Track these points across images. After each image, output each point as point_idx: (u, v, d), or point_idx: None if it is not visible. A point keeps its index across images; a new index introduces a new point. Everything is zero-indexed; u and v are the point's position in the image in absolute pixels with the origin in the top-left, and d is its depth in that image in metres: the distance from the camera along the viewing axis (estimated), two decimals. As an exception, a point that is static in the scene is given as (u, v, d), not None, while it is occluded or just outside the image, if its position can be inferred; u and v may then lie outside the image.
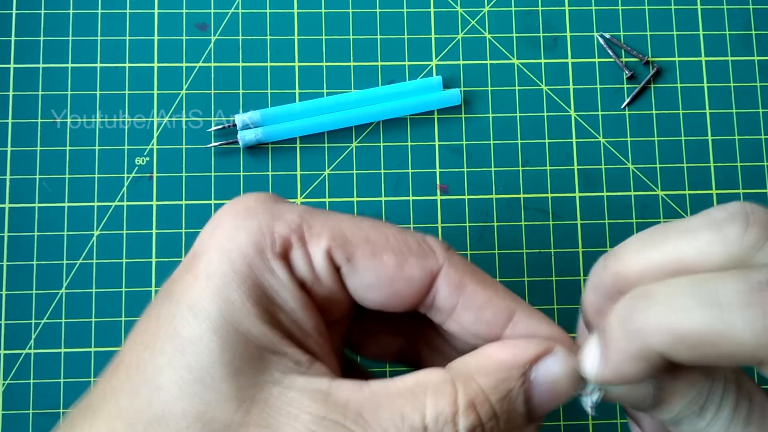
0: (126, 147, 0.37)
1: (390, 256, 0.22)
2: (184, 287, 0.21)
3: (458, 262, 0.23)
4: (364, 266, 0.22)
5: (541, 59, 0.39)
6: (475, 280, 0.23)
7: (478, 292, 0.23)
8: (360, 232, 0.22)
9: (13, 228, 0.36)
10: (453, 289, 0.23)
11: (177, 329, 0.20)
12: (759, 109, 0.39)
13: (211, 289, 0.20)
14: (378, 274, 0.22)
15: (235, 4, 0.38)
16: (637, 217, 0.37)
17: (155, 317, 0.21)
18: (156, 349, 0.20)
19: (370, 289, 0.22)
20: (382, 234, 0.23)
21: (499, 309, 0.23)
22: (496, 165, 0.38)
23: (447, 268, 0.23)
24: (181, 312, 0.20)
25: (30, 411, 0.35)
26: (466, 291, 0.23)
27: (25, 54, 0.37)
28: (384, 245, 0.22)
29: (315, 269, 0.22)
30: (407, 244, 0.23)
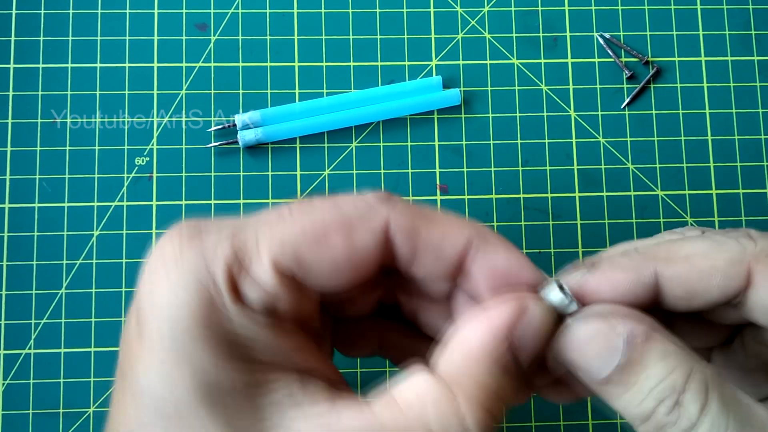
0: (126, 147, 0.37)
1: (335, 236, 0.21)
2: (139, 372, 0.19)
3: (403, 209, 0.22)
4: (314, 261, 0.20)
5: (541, 59, 0.39)
6: (425, 221, 0.22)
7: (431, 231, 0.22)
8: (295, 227, 0.21)
9: (13, 228, 0.36)
10: (407, 236, 0.22)
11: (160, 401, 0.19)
12: (758, 109, 0.39)
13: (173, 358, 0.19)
14: (332, 262, 0.21)
15: (235, 4, 0.38)
16: (636, 217, 0.37)
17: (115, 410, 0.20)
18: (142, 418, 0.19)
19: (331, 277, 0.21)
20: (317, 216, 0.21)
21: (456, 242, 0.22)
22: (496, 165, 0.38)
23: (396, 219, 0.21)
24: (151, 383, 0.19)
25: (30, 411, 0.35)
26: (419, 234, 0.22)
27: (25, 54, 0.37)
28: (323, 228, 0.21)
29: (269, 291, 0.20)
30: (347, 215, 0.21)
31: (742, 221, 0.38)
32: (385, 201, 0.22)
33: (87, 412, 0.35)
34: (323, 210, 0.21)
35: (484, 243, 0.22)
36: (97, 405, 0.35)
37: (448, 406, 0.19)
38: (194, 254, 0.20)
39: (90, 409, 0.35)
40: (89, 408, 0.35)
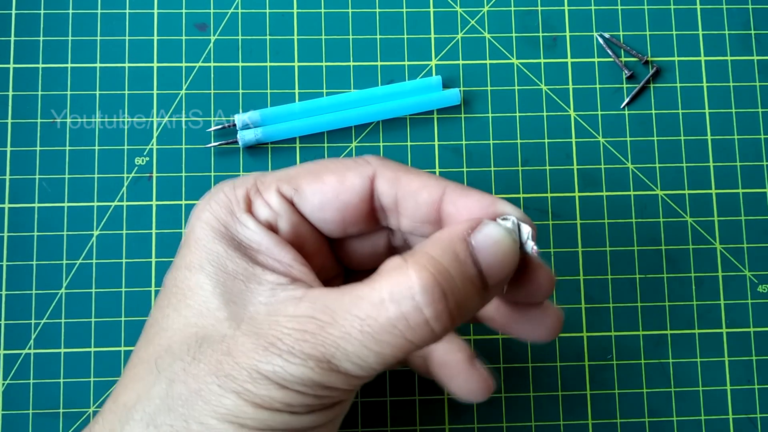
0: (126, 147, 0.37)
1: (329, 175, 0.26)
2: (180, 257, 0.25)
3: (391, 163, 0.26)
4: (310, 190, 0.26)
5: (541, 59, 0.39)
6: (407, 172, 0.26)
7: (411, 180, 0.26)
8: (302, 168, 0.26)
9: (13, 228, 0.36)
10: (389, 183, 0.26)
11: (178, 285, 0.25)
12: (758, 108, 0.39)
13: (199, 249, 0.25)
14: (323, 193, 0.26)
15: (235, 4, 0.38)
16: (636, 217, 0.38)
17: (163, 287, 0.26)
18: (163, 305, 0.25)
19: (321, 208, 0.26)
20: (321, 164, 0.26)
21: (432, 188, 0.25)
22: (495, 165, 0.38)
23: (381, 170, 0.26)
24: (180, 273, 0.25)
25: (30, 411, 0.35)
26: (401, 182, 0.26)
27: (24, 54, 0.37)
28: (324, 170, 0.26)
29: (273, 209, 0.25)
30: (345, 164, 0.26)
31: (741, 220, 0.38)
32: (377, 158, 0.26)
33: (87, 412, 0.35)
34: (328, 161, 0.27)
35: (459, 189, 0.25)
36: (97, 405, 0.35)
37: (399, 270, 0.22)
38: (226, 184, 0.26)
39: (90, 409, 0.35)
40: (89, 408, 0.35)
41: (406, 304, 0.21)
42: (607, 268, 0.37)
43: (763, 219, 0.38)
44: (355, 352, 0.22)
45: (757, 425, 0.36)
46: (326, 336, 0.22)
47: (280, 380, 0.22)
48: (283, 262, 0.25)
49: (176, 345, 0.24)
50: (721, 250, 0.38)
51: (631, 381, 0.36)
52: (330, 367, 0.22)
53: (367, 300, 0.22)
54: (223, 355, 0.23)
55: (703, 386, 0.37)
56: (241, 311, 0.23)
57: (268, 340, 0.22)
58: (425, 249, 0.23)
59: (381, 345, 0.22)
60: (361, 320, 0.22)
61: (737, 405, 0.36)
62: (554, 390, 0.36)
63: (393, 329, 0.21)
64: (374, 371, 0.22)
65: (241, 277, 0.24)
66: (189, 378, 0.23)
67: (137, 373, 0.24)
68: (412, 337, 0.22)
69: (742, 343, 0.37)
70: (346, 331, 0.22)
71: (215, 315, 0.24)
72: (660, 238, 0.37)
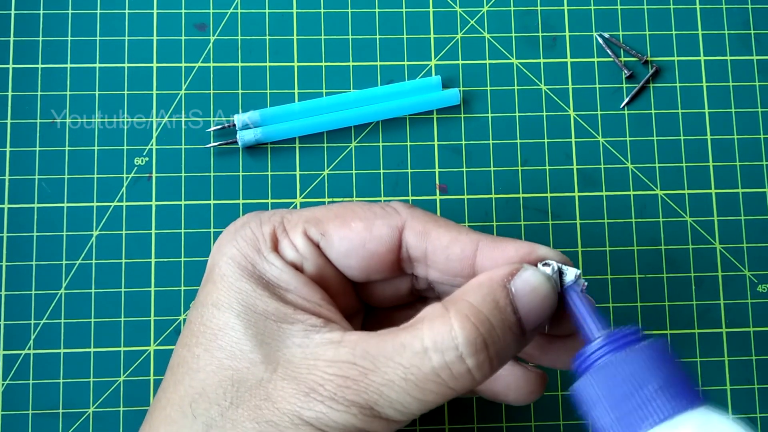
0: (125, 147, 0.37)
1: (357, 222, 0.25)
2: (205, 293, 0.25)
3: (420, 215, 0.26)
4: (337, 236, 0.25)
5: (540, 59, 0.39)
6: (437, 225, 0.26)
7: (441, 234, 0.25)
8: (329, 212, 0.26)
9: (12, 228, 0.36)
10: (419, 237, 0.25)
11: (206, 323, 0.24)
12: (758, 108, 0.39)
13: (226, 287, 0.24)
14: (350, 240, 0.25)
15: (234, 4, 0.38)
16: (636, 217, 0.38)
17: (188, 324, 0.25)
18: (191, 343, 0.24)
19: (348, 255, 0.25)
20: (349, 209, 0.26)
21: (465, 243, 0.25)
22: (495, 165, 0.38)
23: (410, 221, 0.25)
24: (207, 310, 0.24)
25: (29, 411, 0.35)
26: (431, 236, 0.25)
27: (23, 54, 0.37)
28: (352, 216, 0.26)
29: (299, 251, 0.25)
30: (373, 211, 0.26)
31: (741, 220, 0.38)
32: (406, 207, 0.26)
33: (87, 413, 0.35)
34: (355, 206, 0.26)
35: (493, 242, 0.25)
36: (97, 405, 0.35)
37: (441, 319, 0.22)
38: (252, 220, 0.26)
39: (90, 410, 0.35)
40: (89, 408, 0.35)
41: (450, 354, 0.22)
42: (606, 268, 0.37)
43: (762, 219, 0.38)
44: (398, 399, 0.22)
45: (757, 425, 0.36)
46: (369, 383, 0.22)
47: (323, 426, 0.22)
48: (311, 301, 0.25)
49: (210, 388, 0.23)
50: (720, 250, 0.38)
51: (630, 381, 0.36)
52: (373, 413, 0.22)
53: (410, 348, 0.22)
54: (262, 400, 0.22)
55: (703, 386, 0.37)
56: (275, 353, 0.23)
57: (308, 385, 0.22)
58: (466, 297, 0.23)
59: (424, 393, 0.22)
60: (405, 369, 0.22)
61: (737, 405, 0.36)
62: (554, 390, 0.36)
63: (437, 378, 0.22)
64: (414, 416, 0.23)
65: (273, 317, 0.24)
66: (227, 423, 0.22)
67: (169, 415, 0.24)
68: (455, 386, 0.22)
69: (742, 343, 0.37)
70: (390, 378, 0.22)
71: (249, 357, 0.23)
72: (660, 237, 0.37)
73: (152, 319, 0.36)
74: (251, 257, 0.25)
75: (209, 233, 0.36)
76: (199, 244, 0.36)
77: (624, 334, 0.22)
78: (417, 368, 0.22)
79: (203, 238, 0.36)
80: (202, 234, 0.36)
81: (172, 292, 0.36)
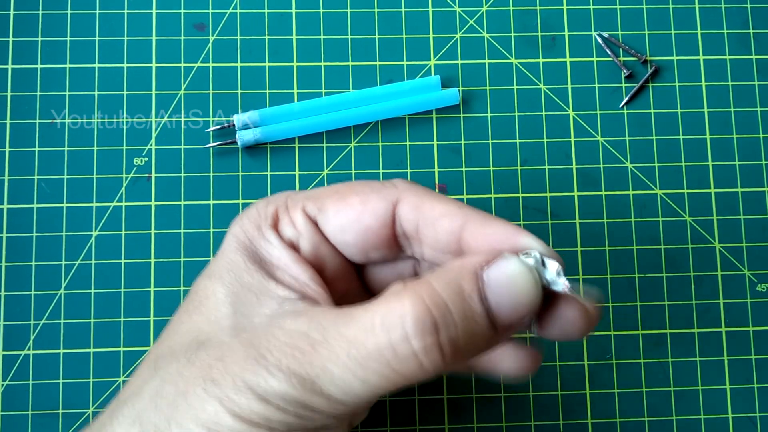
0: (124, 147, 0.37)
1: (354, 197, 0.25)
2: (207, 265, 0.26)
3: (418, 189, 0.25)
4: (333, 210, 0.25)
5: (540, 58, 0.39)
6: (431, 198, 0.25)
7: (434, 207, 0.25)
8: (330, 189, 0.26)
9: (12, 229, 0.36)
10: (412, 209, 0.25)
11: (197, 291, 0.25)
12: (757, 107, 0.39)
13: (222, 259, 0.25)
14: (346, 215, 0.25)
15: (233, 4, 0.38)
16: (635, 216, 0.38)
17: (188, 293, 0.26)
18: (181, 309, 0.26)
19: (343, 230, 0.25)
20: (349, 186, 0.26)
21: (453, 217, 0.24)
22: (494, 164, 0.38)
23: (406, 195, 0.25)
24: (201, 280, 0.26)
25: (29, 412, 0.35)
26: (423, 208, 0.25)
27: (23, 54, 0.37)
28: (349, 191, 0.26)
29: (297, 228, 0.26)
30: (371, 186, 0.26)
31: (740, 220, 0.38)
32: (404, 182, 0.26)
33: (86, 413, 0.35)
34: (356, 183, 0.26)
35: (480, 218, 0.24)
36: (97, 405, 0.35)
37: (395, 296, 0.21)
38: (261, 201, 0.27)
39: (89, 410, 0.35)
40: (88, 408, 0.35)
41: (395, 333, 0.20)
42: (606, 267, 0.37)
43: (762, 218, 0.38)
44: (341, 376, 0.21)
45: (756, 425, 0.36)
46: (315, 356, 0.21)
47: (262, 392, 0.21)
48: (299, 279, 0.25)
49: (178, 347, 0.24)
50: (720, 250, 0.38)
51: (630, 380, 0.36)
52: (313, 388, 0.21)
53: (360, 324, 0.21)
54: (215, 360, 0.22)
55: (703, 386, 0.37)
56: (245, 321, 0.24)
57: (259, 351, 0.22)
58: (430, 279, 0.21)
59: (366, 372, 0.21)
60: (349, 343, 0.21)
61: (737, 404, 0.36)
62: (554, 390, 0.36)
63: (380, 357, 0.21)
64: (359, 399, 0.21)
65: (255, 289, 0.24)
66: (180, 379, 0.23)
67: (138, 370, 0.25)
68: (399, 368, 0.21)
69: (742, 343, 0.37)
70: (335, 352, 0.21)
71: (221, 323, 0.24)
72: (659, 237, 0.37)
73: (152, 319, 0.36)
74: (250, 233, 0.25)
75: (209, 233, 0.36)
76: (198, 245, 0.36)
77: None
78: (361, 344, 0.21)
79: (203, 238, 0.36)
80: (202, 234, 0.36)
81: (172, 292, 0.36)
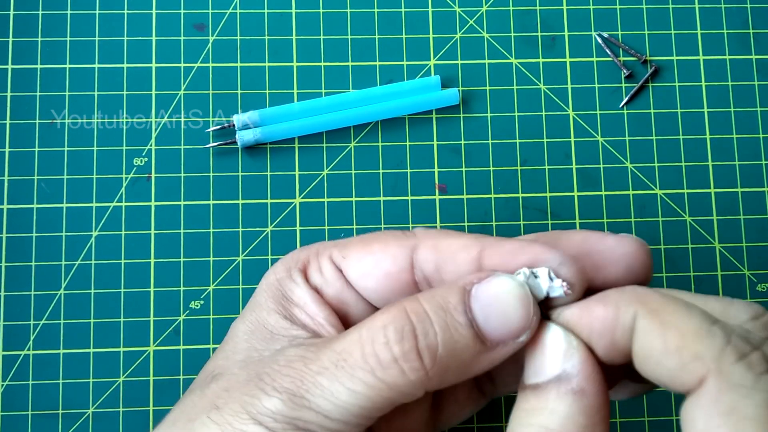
0: (124, 147, 0.37)
1: (375, 245, 0.26)
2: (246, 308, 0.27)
3: (434, 232, 0.26)
4: (357, 258, 0.26)
5: (540, 59, 0.39)
6: (447, 236, 0.25)
7: (450, 243, 0.25)
8: (357, 238, 0.27)
9: (12, 229, 0.36)
10: (429, 250, 0.25)
11: (230, 332, 0.27)
12: (757, 107, 0.39)
13: (251, 301, 0.27)
14: (367, 262, 0.26)
15: (233, 5, 0.38)
16: (635, 216, 0.38)
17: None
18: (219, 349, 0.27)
19: (364, 276, 0.26)
20: (373, 235, 0.27)
21: (471, 247, 0.24)
22: (494, 164, 0.38)
23: (423, 239, 0.25)
24: (235, 323, 0.27)
25: (29, 412, 0.35)
26: (440, 246, 0.25)
27: (22, 55, 0.37)
28: (373, 240, 0.26)
29: (323, 274, 0.26)
30: (393, 234, 0.26)
31: (740, 220, 0.38)
32: (423, 230, 0.26)
33: (86, 413, 0.35)
34: (380, 232, 0.27)
35: (496, 242, 0.24)
36: (96, 406, 0.35)
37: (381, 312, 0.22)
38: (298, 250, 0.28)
39: (89, 410, 0.35)
40: (88, 409, 0.35)
41: (378, 340, 0.21)
42: (606, 267, 0.37)
43: (761, 218, 0.38)
44: (329, 386, 0.21)
45: (756, 424, 0.36)
46: (306, 371, 0.22)
47: (256, 414, 0.22)
48: (316, 319, 0.25)
49: (199, 381, 0.25)
50: (720, 250, 0.38)
51: (630, 380, 0.36)
52: (303, 403, 0.21)
53: (349, 336, 0.22)
54: (223, 390, 0.23)
55: (703, 385, 0.36)
56: (255, 355, 0.25)
57: (260, 376, 0.23)
58: (420, 294, 0.23)
59: (354, 381, 0.21)
60: (338, 354, 0.22)
61: (736, 404, 0.36)
62: (554, 389, 0.36)
63: (365, 365, 0.21)
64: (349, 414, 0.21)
65: (270, 327, 0.25)
66: (192, 409, 0.23)
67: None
68: (383, 376, 0.21)
69: (742, 343, 0.37)
70: (323, 365, 0.22)
71: (235, 357, 0.25)
72: (659, 237, 0.37)
73: (152, 319, 0.36)
74: (280, 275, 0.27)
75: (208, 233, 0.36)
76: (198, 245, 0.36)
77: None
78: (349, 354, 0.22)
79: (202, 239, 0.36)
80: (202, 234, 0.36)
81: (172, 292, 0.36)
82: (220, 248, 0.36)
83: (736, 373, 0.20)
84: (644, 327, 0.21)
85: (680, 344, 0.20)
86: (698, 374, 0.20)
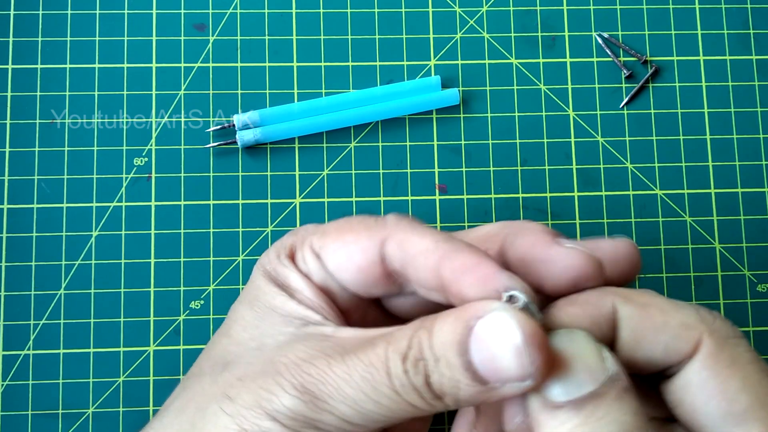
0: (124, 147, 0.37)
1: (349, 235, 0.25)
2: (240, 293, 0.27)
3: (406, 225, 0.25)
4: (332, 249, 0.26)
5: (540, 59, 0.39)
6: (413, 233, 0.24)
7: (414, 244, 0.24)
8: (332, 226, 0.26)
9: (12, 229, 0.36)
10: (397, 247, 0.24)
11: (229, 317, 0.27)
12: (757, 108, 0.39)
13: (250, 286, 0.27)
14: (341, 254, 0.25)
15: (233, 5, 0.38)
16: (635, 216, 0.38)
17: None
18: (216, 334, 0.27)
19: (339, 268, 0.25)
20: (347, 222, 0.26)
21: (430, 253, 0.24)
22: (494, 165, 0.38)
23: (393, 232, 0.25)
24: (234, 306, 0.27)
25: (29, 412, 0.35)
26: (405, 245, 0.24)
27: (23, 54, 0.37)
28: (348, 229, 0.26)
29: (306, 263, 0.26)
30: (365, 223, 0.26)
31: (741, 220, 0.38)
32: (394, 219, 0.26)
33: (86, 413, 0.35)
34: (354, 219, 0.26)
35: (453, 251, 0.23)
36: (96, 405, 0.35)
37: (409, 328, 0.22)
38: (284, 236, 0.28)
39: (89, 410, 0.35)
40: (88, 409, 0.35)
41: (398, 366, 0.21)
42: (606, 267, 0.37)
43: (762, 218, 0.38)
44: (353, 396, 0.21)
45: (756, 425, 0.36)
46: (330, 374, 0.22)
47: (272, 411, 0.22)
48: (315, 303, 0.25)
49: (207, 367, 0.25)
50: (720, 250, 0.38)
51: (630, 381, 0.36)
52: (324, 406, 0.21)
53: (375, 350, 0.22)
54: (237, 379, 0.23)
55: (703, 386, 0.36)
56: (269, 341, 0.24)
57: (277, 368, 0.22)
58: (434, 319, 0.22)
59: (378, 395, 0.21)
60: (365, 366, 0.21)
61: (737, 404, 0.36)
62: (554, 390, 0.36)
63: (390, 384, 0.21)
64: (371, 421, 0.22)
65: (279, 310, 0.25)
66: (202, 397, 0.23)
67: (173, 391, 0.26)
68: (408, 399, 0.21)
69: (742, 343, 0.37)
70: (349, 373, 0.22)
71: (247, 344, 0.25)
72: (659, 237, 0.37)
73: (152, 319, 0.36)
74: (272, 261, 0.26)
75: (208, 233, 0.36)
76: (198, 245, 0.36)
77: None
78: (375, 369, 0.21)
79: (203, 239, 0.36)
80: (202, 234, 0.36)
81: (172, 292, 0.36)
82: (220, 248, 0.36)
83: (723, 328, 0.23)
84: (627, 313, 0.22)
85: (664, 318, 0.22)
86: (693, 338, 0.22)
